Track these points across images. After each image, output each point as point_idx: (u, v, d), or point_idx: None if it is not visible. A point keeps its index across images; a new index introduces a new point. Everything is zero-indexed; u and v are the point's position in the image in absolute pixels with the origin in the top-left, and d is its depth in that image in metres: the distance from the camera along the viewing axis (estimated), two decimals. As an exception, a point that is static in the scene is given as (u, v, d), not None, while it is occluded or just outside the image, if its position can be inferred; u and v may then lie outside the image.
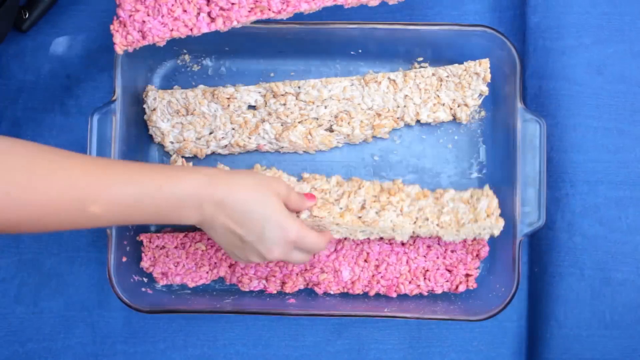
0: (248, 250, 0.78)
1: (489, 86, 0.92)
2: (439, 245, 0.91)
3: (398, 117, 0.93)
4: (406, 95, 0.92)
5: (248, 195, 0.75)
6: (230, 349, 0.94)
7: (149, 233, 0.91)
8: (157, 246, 0.90)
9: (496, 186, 0.91)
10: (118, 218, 0.71)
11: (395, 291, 0.90)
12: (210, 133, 0.91)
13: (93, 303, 0.94)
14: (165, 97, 0.91)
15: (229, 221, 0.75)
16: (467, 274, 0.91)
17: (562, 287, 0.91)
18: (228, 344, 0.94)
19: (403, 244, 0.90)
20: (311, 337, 0.94)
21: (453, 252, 0.91)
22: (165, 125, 0.91)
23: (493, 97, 0.92)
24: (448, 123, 0.94)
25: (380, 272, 0.90)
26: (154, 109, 0.91)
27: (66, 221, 0.69)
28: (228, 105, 0.91)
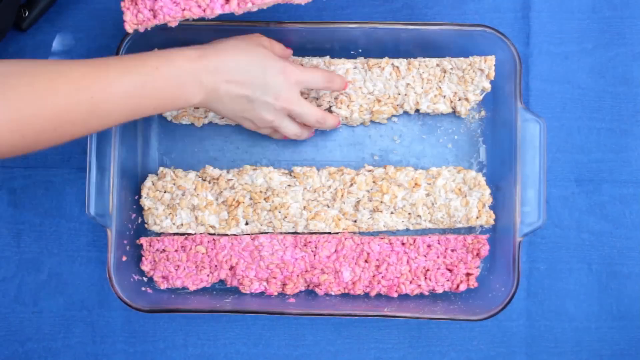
0: (257, 107, 0.81)
1: (489, 84, 0.92)
2: (439, 244, 0.91)
3: (398, 105, 0.92)
4: (408, 83, 0.91)
5: (239, 54, 0.79)
6: (230, 349, 0.94)
7: (149, 237, 0.91)
8: (157, 250, 0.90)
9: (496, 186, 0.91)
10: (128, 111, 0.74)
11: (396, 291, 0.90)
12: None
13: (93, 303, 0.94)
14: None
15: (231, 85, 0.78)
16: (468, 273, 0.91)
17: (572, 282, 0.94)
18: (228, 344, 0.94)
19: (403, 244, 0.91)
20: (311, 337, 0.94)
21: (453, 252, 0.91)
22: None
23: (493, 97, 0.92)
24: (448, 122, 0.94)
25: (381, 272, 0.90)
26: None
27: (80, 126, 0.71)
28: None
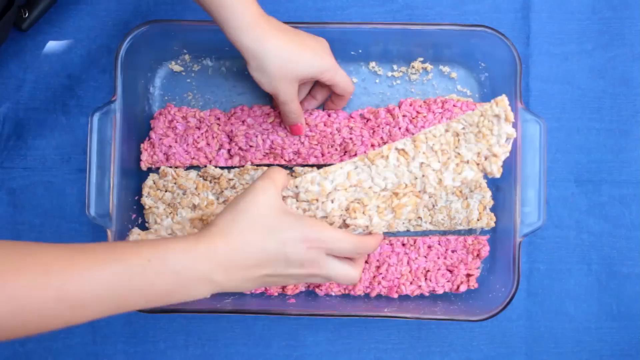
0: (284, 279, 0.69)
1: (489, 84, 0.92)
2: (440, 245, 0.91)
3: (420, 191, 0.76)
4: (422, 162, 0.76)
5: (250, 233, 0.67)
6: (231, 349, 0.94)
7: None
8: None
9: (496, 186, 0.91)
10: (111, 304, 0.63)
11: (396, 292, 0.90)
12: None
13: (93, 303, 0.94)
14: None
15: (249, 271, 0.67)
16: (468, 274, 0.91)
17: (572, 283, 0.94)
18: (229, 344, 0.94)
19: (404, 245, 0.91)
20: (311, 337, 0.94)
21: (454, 252, 0.91)
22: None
23: (493, 98, 0.92)
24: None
25: (381, 273, 0.90)
26: None
27: (48, 317, 0.60)
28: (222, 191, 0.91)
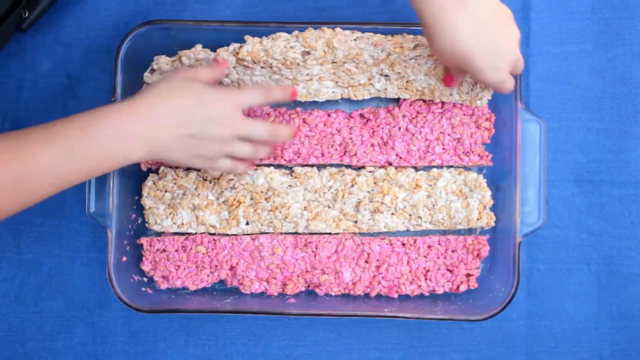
0: (204, 141, 0.77)
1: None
2: (440, 245, 0.91)
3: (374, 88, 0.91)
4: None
5: (172, 95, 0.76)
6: (230, 349, 0.94)
7: (150, 237, 0.91)
8: (158, 249, 0.90)
9: (496, 186, 0.91)
10: (59, 180, 0.71)
11: (396, 292, 0.90)
12: None
13: (93, 303, 0.94)
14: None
15: (173, 129, 0.75)
16: (468, 274, 0.91)
17: (572, 283, 0.94)
18: (229, 344, 0.94)
19: (403, 245, 0.91)
20: (311, 337, 0.94)
21: (454, 252, 0.91)
22: None
23: (493, 98, 0.92)
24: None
25: (381, 273, 0.90)
26: None
27: (6, 204, 0.70)
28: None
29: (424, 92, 0.90)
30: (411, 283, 0.90)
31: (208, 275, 0.91)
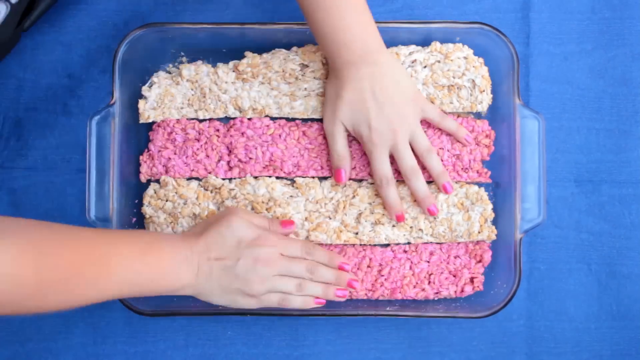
0: (241, 276, 0.79)
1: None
2: (442, 251, 0.91)
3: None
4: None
5: (221, 227, 0.80)
6: (230, 349, 0.94)
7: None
8: None
9: (496, 183, 0.91)
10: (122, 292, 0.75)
11: (400, 293, 0.89)
12: None
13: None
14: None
15: (218, 262, 0.79)
16: (472, 278, 0.90)
17: (572, 282, 0.94)
18: (229, 344, 0.94)
19: (405, 252, 0.90)
20: (311, 337, 0.94)
21: (456, 258, 0.91)
22: None
23: (492, 94, 0.92)
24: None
25: (383, 275, 0.89)
26: None
27: (75, 300, 0.72)
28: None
29: None
30: (415, 286, 0.90)
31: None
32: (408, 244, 0.91)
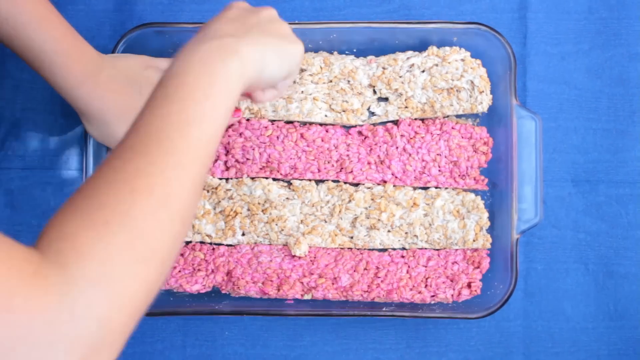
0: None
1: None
2: (439, 257, 0.91)
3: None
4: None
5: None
6: (228, 349, 0.94)
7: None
8: None
9: (492, 183, 0.91)
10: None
11: (396, 294, 0.89)
12: None
13: (91, 304, 0.94)
14: None
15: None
16: (470, 283, 0.90)
17: (569, 282, 0.94)
18: (226, 344, 0.94)
19: (403, 257, 0.90)
20: (309, 337, 0.94)
21: (454, 264, 0.91)
22: None
23: (489, 96, 0.92)
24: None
25: (379, 277, 0.89)
26: None
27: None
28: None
29: (424, 109, 0.90)
30: (411, 289, 0.89)
31: (203, 277, 0.90)
32: (405, 250, 0.91)
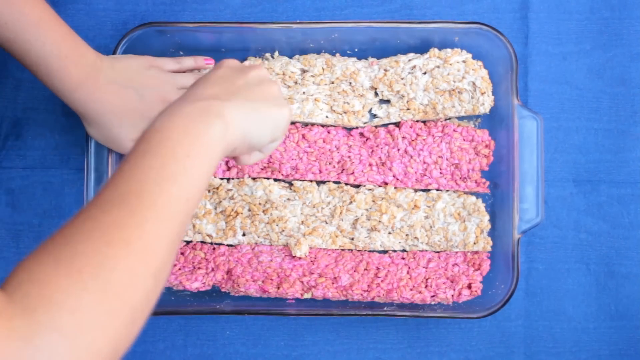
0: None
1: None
2: (440, 259, 0.91)
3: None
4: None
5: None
6: (229, 349, 0.94)
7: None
8: None
9: (494, 183, 0.91)
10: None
11: (396, 293, 0.89)
12: None
13: (92, 303, 0.94)
14: None
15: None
16: (470, 284, 0.90)
17: (570, 282, 0.94)
18: (227, 344, 0.94)
19: (403, 259, 0.90)
20: (310, 337, 0.94)
21: (455, 266, 0.91)
22: None
23: (490, 95, 0.92)
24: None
25: (379, 277, 0.89)
26: None
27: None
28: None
29: (426, 111, 0.90)
30: (411, 289, 0.89)
31: (203, 275, 0.90)
32: (406, 252, 0.91)
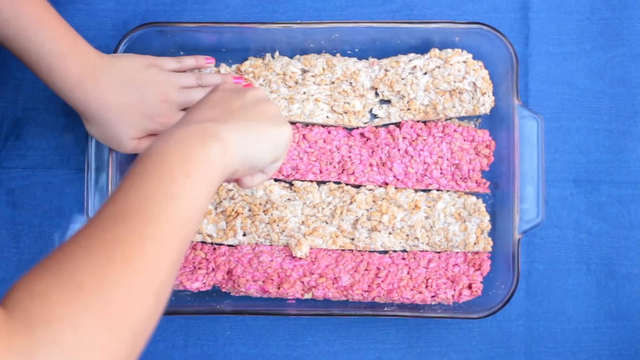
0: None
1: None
2: (440, 259, 0.91)
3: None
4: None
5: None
6: (230, 349, 0.94)
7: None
8: None
9: (494, 183, 0.91)
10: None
11: (396, 293, 0.89)
12: None
13: (93, 303, 0.93)
14: None
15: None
16: (471, 284, 0.90)
17: (571, 283, 0.94)
18: (228, 344, 0.94)
19: (404, 259, 0.91)
20: (310, 337, 0.94)
21: (455, 266, 0.91)
22: None
23: (490, 95, 0.92)
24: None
25: (380, 277, 0.89)
26: None
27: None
28: None
29: (427, 111, 0.90)
30: (412, 289, 0.89)
31: (204, 275, 0.90)
32: (406, 252, 0.91)
